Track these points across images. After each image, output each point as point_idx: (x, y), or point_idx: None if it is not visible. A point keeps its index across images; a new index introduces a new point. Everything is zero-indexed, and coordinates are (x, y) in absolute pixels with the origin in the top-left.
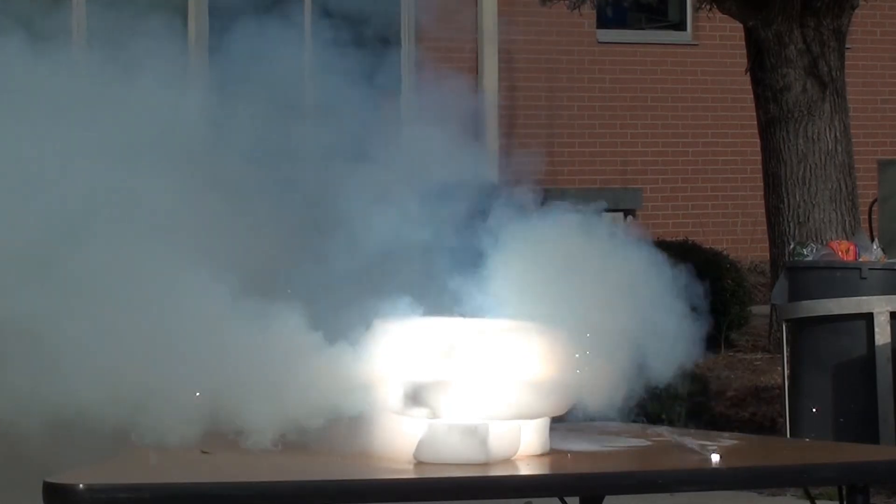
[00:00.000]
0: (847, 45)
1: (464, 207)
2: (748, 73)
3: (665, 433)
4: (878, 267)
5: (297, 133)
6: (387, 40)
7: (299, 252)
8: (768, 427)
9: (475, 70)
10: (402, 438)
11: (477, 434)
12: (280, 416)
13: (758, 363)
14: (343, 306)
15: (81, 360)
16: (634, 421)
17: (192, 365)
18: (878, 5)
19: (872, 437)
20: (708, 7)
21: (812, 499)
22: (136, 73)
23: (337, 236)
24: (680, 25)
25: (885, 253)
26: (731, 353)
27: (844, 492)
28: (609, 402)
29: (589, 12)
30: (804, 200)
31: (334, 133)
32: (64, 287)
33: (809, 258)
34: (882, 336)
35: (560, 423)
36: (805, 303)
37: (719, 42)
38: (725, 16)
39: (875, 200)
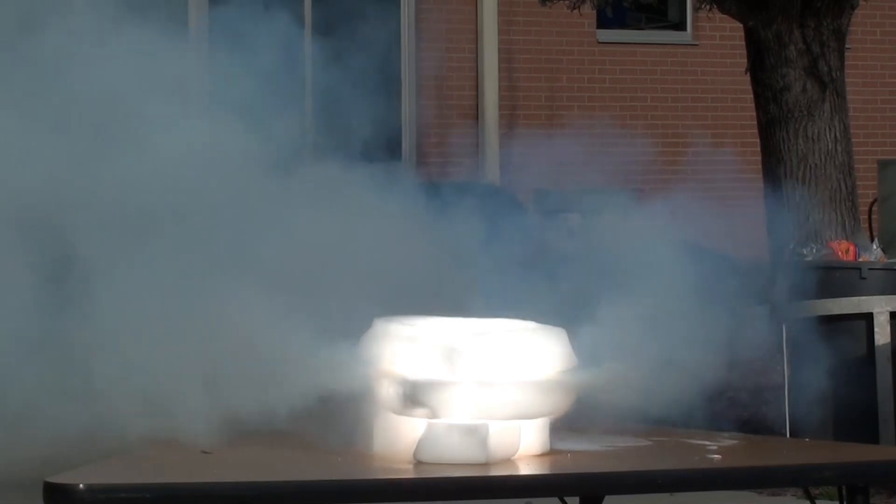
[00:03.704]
0: (847, 45)
1: (465, 207)
2: (748, 73)
3: (665, 433)
4: (878, 267)
5: (298, 134)
6: (387, 40)
7: (301, 250)
8: (768, 427)
9: (475, 70)
10: (402, 438)
11: (477, 434)
12: (278, 414)
13: (758, 363)
14: (344, 306)
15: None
16: (635, 421)
17: (192, 354)
18: (878, 5)
19: (872, 437)
20: (708, 7)
21: (812, 499)
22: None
23: (338, 235)
24: (680, 25)
25: (885, 253)
26: (731, 353)
27: (844, 492)
28: (613, 402)
29: (589, 12)
30: (804, 200)
31: (335, 133)
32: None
33: (809, 258)
34: (882, 336)
35: (560, 423)
36: (805, 303)
37: (719, 42)
38: (725, 16)
39: (875, 200)
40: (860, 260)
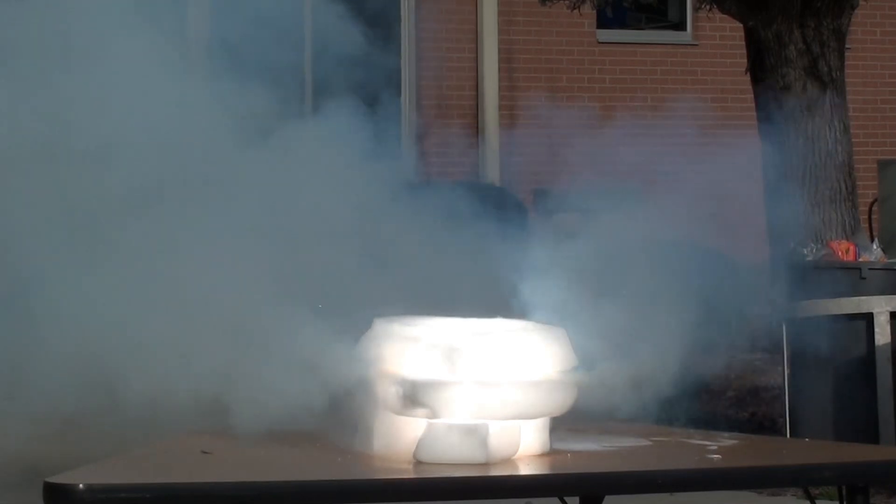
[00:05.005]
0: (847, 45)
1: (465, 207)
2: (748, 73)
3: (665, 433)
4: (878, 267)
5: (300, 134)
6: (387, 41)
7: (299, 250)
8: (768, 427)
9: (475, 70)
10: (402, 438)
11: (477, 434)
12: (279, 414)
13: (758, 363)
14: (345, 306)
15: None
16: (636, 421)
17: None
18: (878, 5)
19: (872, 437)
20: (708, 7)
21: (812, 499)
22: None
23: (339, 235)
24: (680, 25)
25: (885, 253)
26: (731, 354)
27: (844, 492)
28: (611, 401)
29: (589, 12)
30: (804, 200)
31: (335, 133)
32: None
33: (809, 258)
34: (882, 336)
35: (560, 423)
36: (805, 303)
37: (719, 42)
38: (725, 16)
39: (875, 200)
40: (860, 260)
